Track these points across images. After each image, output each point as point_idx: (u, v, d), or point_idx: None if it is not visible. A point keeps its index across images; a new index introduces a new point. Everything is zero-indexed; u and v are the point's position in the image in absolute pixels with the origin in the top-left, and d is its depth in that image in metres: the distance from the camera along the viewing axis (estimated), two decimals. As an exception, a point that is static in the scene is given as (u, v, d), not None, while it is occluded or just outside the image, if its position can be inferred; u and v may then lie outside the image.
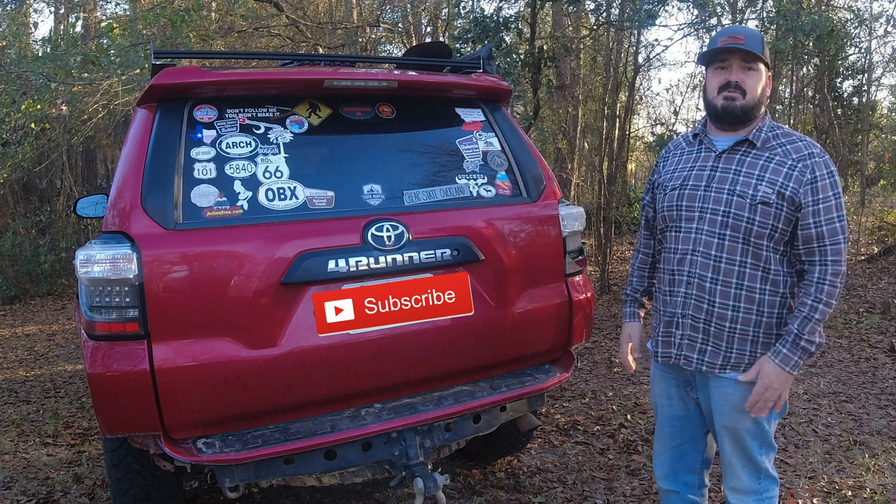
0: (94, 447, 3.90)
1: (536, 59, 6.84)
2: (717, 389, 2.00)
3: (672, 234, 2.04)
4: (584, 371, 5.05)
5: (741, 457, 2.01)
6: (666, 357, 2.07)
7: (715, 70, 1.95)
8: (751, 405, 1.91)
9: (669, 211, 2.05)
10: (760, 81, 1.93)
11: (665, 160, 2.17)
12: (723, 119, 1.96)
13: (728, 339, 1.94)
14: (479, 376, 2.69)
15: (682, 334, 2.02)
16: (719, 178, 1.96)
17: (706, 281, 1.95)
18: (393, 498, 3.18)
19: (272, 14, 10.14)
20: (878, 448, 3.51)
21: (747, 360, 1.94)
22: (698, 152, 2.05)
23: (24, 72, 6.90)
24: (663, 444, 2.21)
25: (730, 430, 1.99)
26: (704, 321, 1.97)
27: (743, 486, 2.03)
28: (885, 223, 9.69)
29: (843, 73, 9.40)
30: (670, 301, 2.05)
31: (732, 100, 1.91)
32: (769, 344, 1.93)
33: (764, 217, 1.88)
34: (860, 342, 5.47)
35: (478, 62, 2.98)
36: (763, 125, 1.96)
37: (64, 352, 6.45)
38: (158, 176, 2.24)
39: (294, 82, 2.57)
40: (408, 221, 2.47)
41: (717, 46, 1.91)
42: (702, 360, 1.98)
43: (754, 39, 1.90)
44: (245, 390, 2.24)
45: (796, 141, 1.93)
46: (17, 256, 9.51)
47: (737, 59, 1.90)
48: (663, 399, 2.18)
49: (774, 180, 1.88)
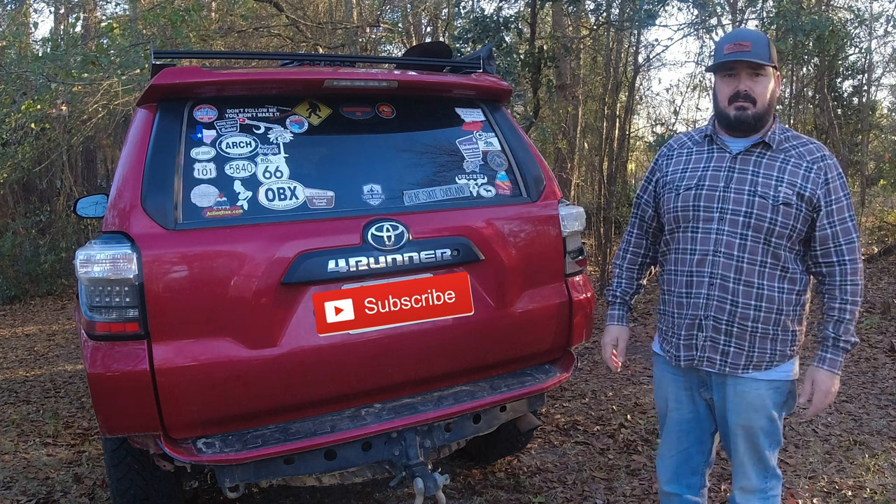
0: (94, 447, 3.90)
1: (536, 59, 6.84)
2: (733, 388, 2.00)
3: (688, 235, 2.02)
4: (584, 371, 5.05)
5: (753, 455, 2.02)
6: (689, 360, 2.04)
7: (723, 78, 1.96)
8: (813, 415, 2.01)
9: (685, 211, 2.02)
10: (769, 86, 1.94)
11: (669, 158, 2.14)
12: (736, 128, 1.97)
13: (750, 339, 1.95)
14: (479, 376, 2.69)
15: (705, 336, 2.00)
16: (738, 179, 1.96)
17: (728, 281, 1.95)
18: (393, 498, 3.18)
19: (272, 14, 10.14)
20: (878, 448, 3.51)
21: (768, 358, 1.96)
22: (710, 153, 2.04)
23: (24, 72, 6.90)
24: (669, 448, 2.19)
25: (745, 429, 2.00)
26: (727, 322, 1.97)
27: (752, 486, 2.04)
28: (885, 223, 9.69)
29: (843, 73, 9.39)
30: (689, 303, 2.02)
31: (744, 110, 1.92)
32: (786, 341, 1.97)
33: (786, 218, 1.90)
34: (860, 342, 5.47)
35: (478, 62, 2.98)
36: (776, 127, 1.98)
37: (64, 352, 6.45)
38: (158, 176, 2.24)
39: (294, 82, 2.57)
40: (408, 221, 2.47)
41: (724, 56, 1.91)
42: (725, 362, 1.99)
43: (760, 44, 1.90)
44: (245, 390, 2.24)
45: (807, 143, 1.97)
46: (17, 256, 9.51)
47: (744, 67, 1.91)
48: (672, 403, 2.15)
49: (794, 182, 1.90)
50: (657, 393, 2.23)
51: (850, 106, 9.39)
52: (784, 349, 1.97)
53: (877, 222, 10.00)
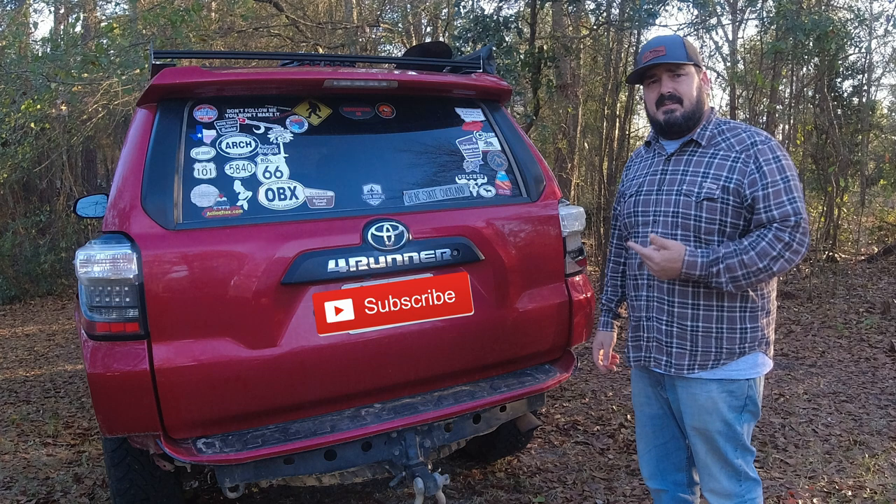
0: (94, 447, 3.90)
1: (536, 58, 6.84)
2: (684, 390, 2.00)
3: (632, 241, 2.08)
4: (584, 371, 5.05)
5: (716, 459, 2.00)
6: (637, 360, 2.11)
7: (648, 86, 2.01)
8: (636, 250, 1.92)
9: (629, 218, 2.10)
10: (694, 83, 1.96)
11: (628, 169, 2.23)
12: (668, 132, 2.01)
13: (692, 339, 1.95)
14: (479, 376, 2.69)
15: (648, 337, 2.05)
16: (669, 181, 2.00)
17: (664, 282, 1.97)
18: (393, 498, 3.18)
19: (272, 14, 10.15)
20: (878, 448, 3.51)
21: (713, 357, 1.93)
22: (652, 158, 2.10)
23: (24, 72, 6.91)
24: (646, 443, 2.23)
25: (700, 432, 1.99)
26: (667, 322, 1.99)
27: (722, 489, 2.01)
28: (885, 223, 9.70)
29: (843, 73, 9.39)
30: (636, 305, 2.10)
31: (672, 111, 1.95)
32: (734, 338, 1.92)
33: (710, 213, 1.89)
34: (860, 342, 5.47)
35: (478, 62, 2.98)
36: (708, 123, 1.98)
37: (64, 352, 6.45)
38: (158, 176, 2.24)
39: (294, 82, 2.57)
40: (408, 221, 2.47)
41: (642, 64, 1.96)
42: (669, 363, 2.00)
43: (675, 46, 1.94)
44: (245, 390, 2.24)
45: (740, 133, 1.94)
46: (17, 256, 9.51)
47: (663, 70, 1.95)
48: (642, 398, 2.21)
49: (718, 175, 1.90)
50: (633, 390, 2.28)
51: (850, 106, 9.38)
52: (732, 346, 1.92)
53: (877, 222, 10.00)
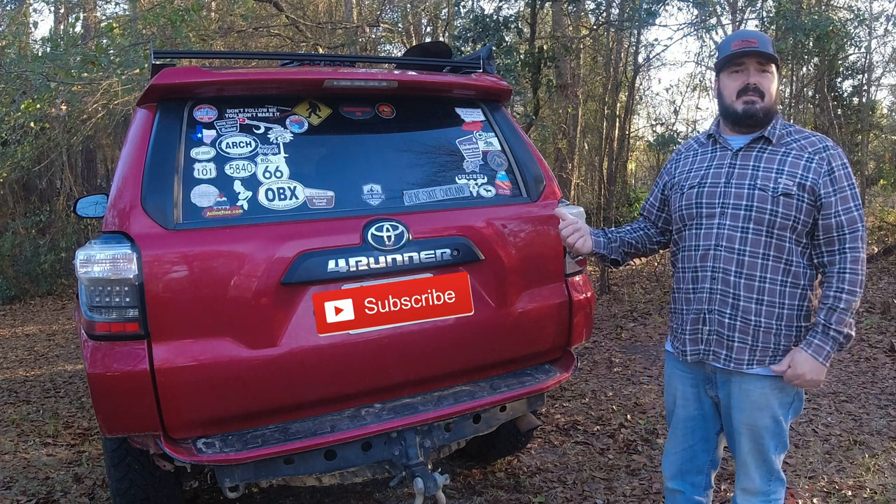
0: (94, 447, 3.90)
1: (536, 58, 6.85)
2: (738, 386, 2.00)
3: (693, 232, 2.06)
4: (584, 371, 5.05)
5: (756, 456, 2.02)
6: (695, 354, 2.07)
7: (730, 74, 1.98)
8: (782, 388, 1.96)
9: (688, 209, 2.06)
10: (774, 82, 1.97)
11: (676, 162, 2.20)
12: (743, 123, 1.98)
13: (754, 333, 1.96)
14: (479, 376, 2.69)
15: (709, 330, 2.02)
16: (738, 174, 1.98)
17: (730, 275, 1.97)
18: (393, 498, 3.18)
19: (272, 14, 10.14)
20: (878, 448, 3.51)
21: (771, 353, 1.96)
22: (713, 152, 2.08)
23: (24, 72, 6.90)
24: (675, 444, 2.21)
25: (749, 428, 2.00)
26: (730, 315, 1.98)
27: (754, 487, 2.03)
28: (886, 223, 9.70)
29: (843, 73, 9.39)
30: (694, 298, 2.06)
31: (753, 103, 1.94)
32: (790, 336, 1.96)
33: (786, 209, 1.90)
34: (860, 342, 5.47)
35: (478, 62, 2.98)
36: (777, 123, 1.99)
37: (64, 352, 6.45)
38: (158, 176, 2.24)
39: (294, 82, 2.57)
40: (408, 221, 2.47)
41: (732, 51, 1.93)
42: (729, 357, 1.99)
43: (766, 42, 1.94)
44: (245, 390, 2.24)
45: (810, 136, 1.98)
46: (17, 256, 9.51)
47: (753, 62, 1.93)
48: (679, 400, 2.18)
49: (794, 172, 1.91)
50: (666, 390, 2.26)
51: (849, 106, 9.38)
52: (788, 344, 1.96)
53: (877, 222, 10.01)
